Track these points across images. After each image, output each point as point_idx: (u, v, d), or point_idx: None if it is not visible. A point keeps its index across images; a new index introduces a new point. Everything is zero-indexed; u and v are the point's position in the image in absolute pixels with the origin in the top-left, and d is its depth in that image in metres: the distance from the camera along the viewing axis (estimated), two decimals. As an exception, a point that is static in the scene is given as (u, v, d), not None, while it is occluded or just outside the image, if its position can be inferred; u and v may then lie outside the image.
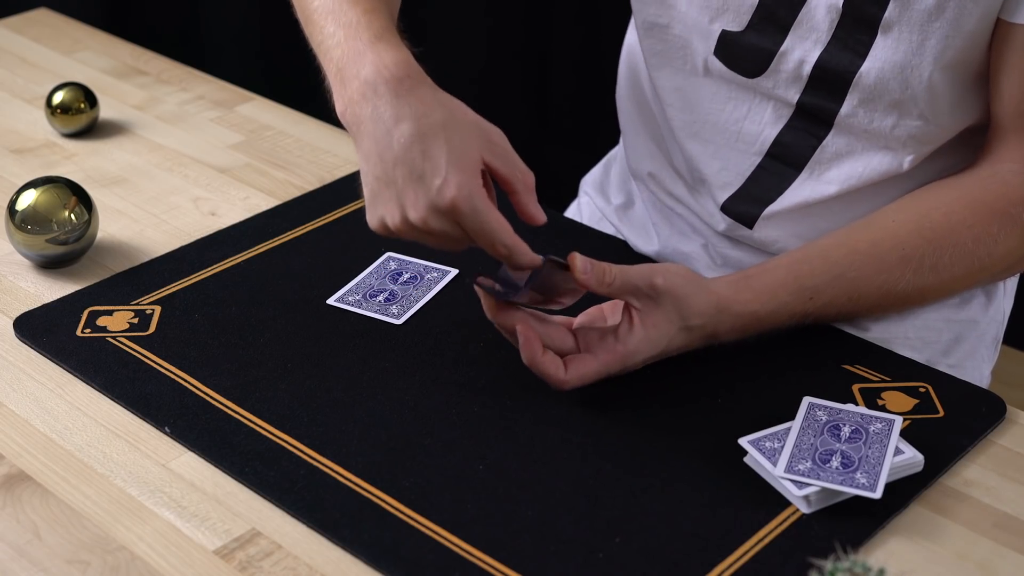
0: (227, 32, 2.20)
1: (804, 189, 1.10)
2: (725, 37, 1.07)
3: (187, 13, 2.19)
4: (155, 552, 0.84)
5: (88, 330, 1.04)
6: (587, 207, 1.35)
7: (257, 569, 0.83)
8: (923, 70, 1.00)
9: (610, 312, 0.98)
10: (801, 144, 1.09)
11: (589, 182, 1.36)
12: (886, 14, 0.99)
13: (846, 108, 1.05)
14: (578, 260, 0.92)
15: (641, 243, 1.21)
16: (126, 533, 0.86)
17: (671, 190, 1.19)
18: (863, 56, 1.02)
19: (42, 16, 1.68)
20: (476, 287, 0.93)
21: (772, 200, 1.11)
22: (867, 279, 1.00)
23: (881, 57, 1.01)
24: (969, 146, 1.08)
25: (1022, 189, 1.02)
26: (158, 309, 1.07)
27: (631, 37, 1.24)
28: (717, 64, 1.09)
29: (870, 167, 1.07)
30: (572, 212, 1.39)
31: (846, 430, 0.90)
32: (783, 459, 0.87)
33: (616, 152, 1.33)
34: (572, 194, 1.41)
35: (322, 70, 0.96)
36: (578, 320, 0.98)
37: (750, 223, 1.12)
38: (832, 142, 1.07)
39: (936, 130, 1.05)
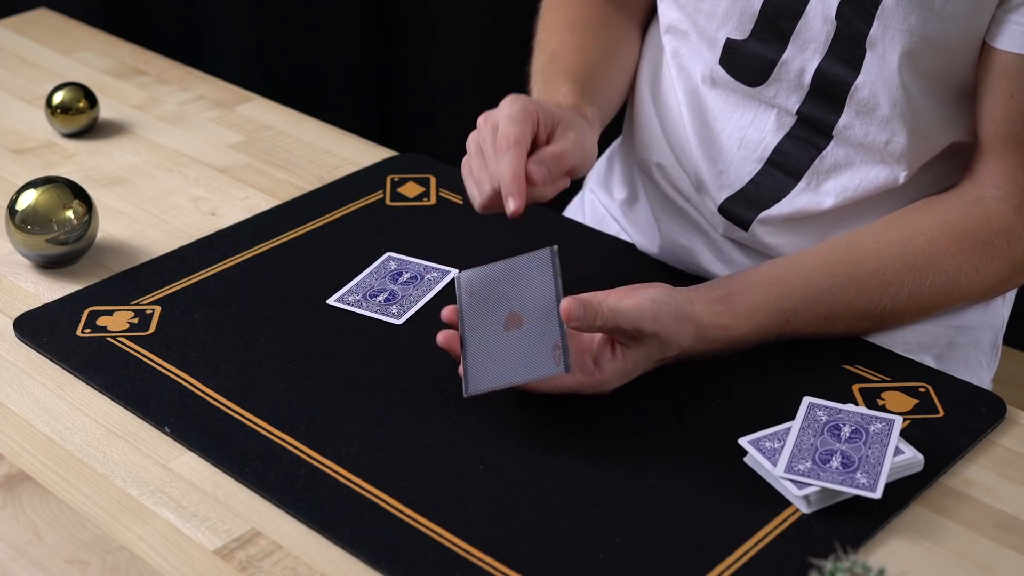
0: (227, 32, 2.20)
1: (800, 199, 1.10)
2: (730, 45, 1.08)
3: (187, 13, 2.19)
4: (155, 552, 0.84)
5: (88, 330, 1.04)
6: (590, 203, 1.35)
7: (257, 569, 0.83)
8: (905, 81, 1.01)
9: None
10: (800, 154, 1.09)
11: (592, 177, 1.36)
12: (871, 31, 1.00)
13: (844, 120, 1.05)
14: (568, 306, 0.91)
15: (644, 238, 1.21)
16: (126, 533, 0.86)
17: (677, 184, 1.19)
18: (857, 69, 1.02)
19: (42, 16, 1.68)
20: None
21: (768, 206, 1.11)
22: (845, 303, 1.01)
23: (872, 72, 1.02)
24: (962, 158, 1.08)
25: (1004, 218, 1.02)
26: (158, 309, 1.07)
27: (656, 30, 1.24)
28: (722, 73, 1.10)
29: (867, 180, 1.07)
30: (575, 207, 1.39)
31: (846, 430, 0.90)
32: (783, 459, 0.87)
33: (618, 146, 1.33)
34: (575, 188, 1.41)
35: None
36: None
37: (745, 226, 1.13)
38: (831, 153, 1.08)
39: (928, 146, 1.06)
